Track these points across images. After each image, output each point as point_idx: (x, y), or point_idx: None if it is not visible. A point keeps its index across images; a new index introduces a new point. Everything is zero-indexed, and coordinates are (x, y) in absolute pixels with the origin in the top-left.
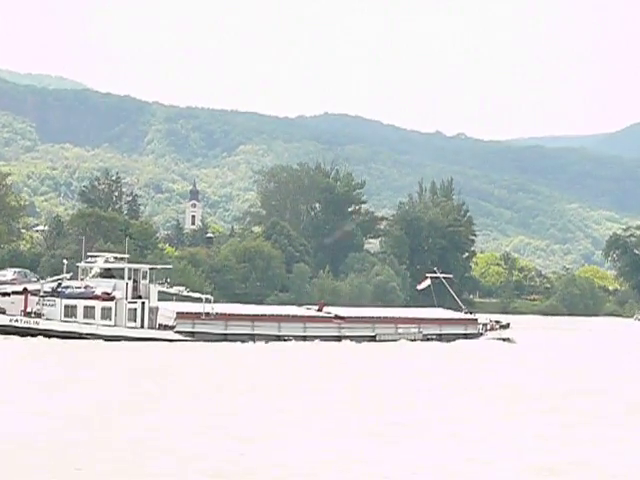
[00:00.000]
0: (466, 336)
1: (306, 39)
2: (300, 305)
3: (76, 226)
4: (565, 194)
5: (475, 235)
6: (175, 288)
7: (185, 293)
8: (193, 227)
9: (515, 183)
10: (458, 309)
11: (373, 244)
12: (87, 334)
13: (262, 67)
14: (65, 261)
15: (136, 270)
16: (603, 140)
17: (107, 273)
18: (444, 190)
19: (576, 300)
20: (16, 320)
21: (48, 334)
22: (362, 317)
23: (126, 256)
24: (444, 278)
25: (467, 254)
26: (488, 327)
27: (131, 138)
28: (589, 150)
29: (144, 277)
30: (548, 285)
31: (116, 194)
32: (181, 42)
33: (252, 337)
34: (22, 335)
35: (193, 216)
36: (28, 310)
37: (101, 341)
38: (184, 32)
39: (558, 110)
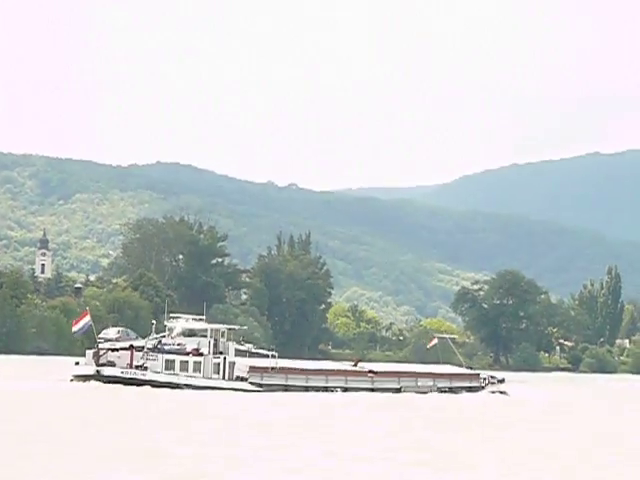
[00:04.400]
0: (470, 389)
1: (136, 86)
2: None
3: None
4: (398, 246)
5: (332, 288)
6: (246, 345)
7: (253, 350)
8: (45, 275)
9: (348, 235)
10: (460, 365)
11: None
12: (183, 384)
13: (95, 114)
14: (154, 322)
15: (216, 330)
16: (434, 192)
17: (190, 332)
18: (302, 243)
19: (428, 352)
20: (126, 372)
21: (152, 384)
22: (390, 372)
23: (203, 317)
24: (450, 339)
25: (324, 306)
26: (487, 381)
27: None
28: (421, 202)
29: (222, 336)
30: (401, 337)
31: None
32: (14, 89)
33: (306, 388)
34: (129, 384)
35: (43, 264)
36: (134, 363)
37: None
38: (17, 79)
39: (388, 161)
